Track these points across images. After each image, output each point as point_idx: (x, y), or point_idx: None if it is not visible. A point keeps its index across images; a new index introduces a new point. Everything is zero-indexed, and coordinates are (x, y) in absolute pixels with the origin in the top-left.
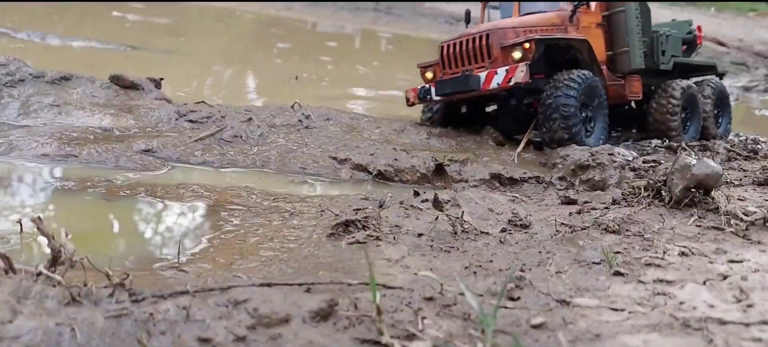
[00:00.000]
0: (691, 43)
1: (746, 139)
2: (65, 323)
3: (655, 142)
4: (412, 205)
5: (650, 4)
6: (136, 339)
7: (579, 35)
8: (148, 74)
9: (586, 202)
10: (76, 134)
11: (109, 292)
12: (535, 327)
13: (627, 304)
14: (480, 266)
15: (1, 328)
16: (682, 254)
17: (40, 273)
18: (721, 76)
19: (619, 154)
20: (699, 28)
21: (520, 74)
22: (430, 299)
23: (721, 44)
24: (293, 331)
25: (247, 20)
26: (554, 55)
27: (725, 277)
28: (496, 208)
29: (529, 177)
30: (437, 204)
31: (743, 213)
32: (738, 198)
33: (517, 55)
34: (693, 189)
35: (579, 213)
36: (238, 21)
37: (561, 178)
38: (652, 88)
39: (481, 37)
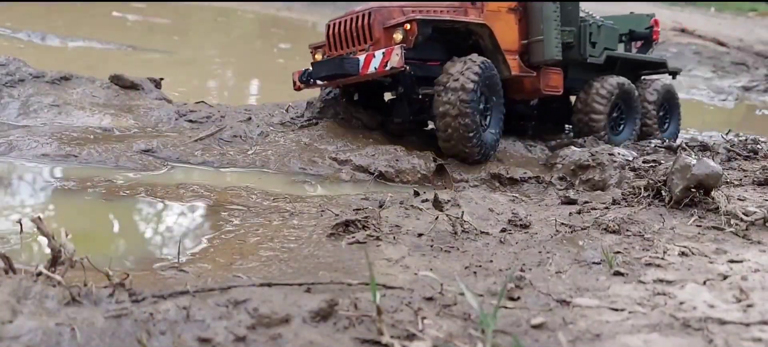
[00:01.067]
0: (647, 39)
1: (746, 139)
2: (65, 323)
3: (655, 141)
4: (412, 205)
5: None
6: (136, 339)
7: (478, 19)
8: (148, 74)
9: (586, 202)
10: (76, 134)
11: (109, 292)
12: (535, 327)
13: (627, 304)
14: (480, 266)
15: (1, 328)
16: (682, 254)
17: (40, 273)
18: (673, 74)
19: (619, 154)
20: (656, 22)
21: (396, 58)
22: (430, 299)
23: (721, 44)
24: (293, 331)
25: (248, 20)
26: (455, 41)
27: (725, 277)
28: (496, 208)
29: (529, 177)
30: (437, 204)
31: (743, 213)
32: (738, 198)
33: (398, 36)
34: (693, 189)
35: (579, 213)
36: (239, 21)
37: (561, 178)
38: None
39: (363, 16)
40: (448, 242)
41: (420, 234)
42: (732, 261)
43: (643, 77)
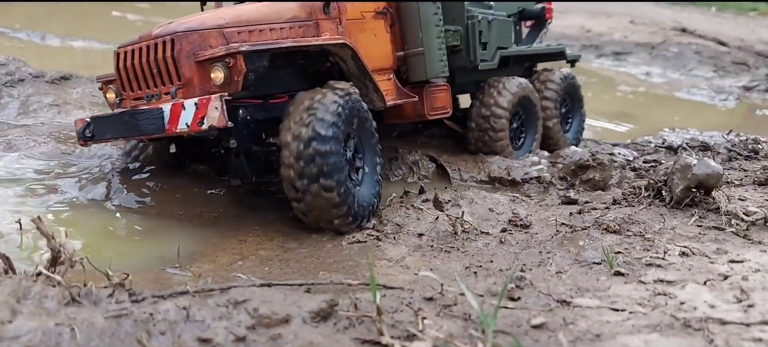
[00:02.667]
0: (539, 18)
1: (747, 139)
2: (65, 323)
3: (656, 142)
4: (412, 205)
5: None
6: (136, 339)
7: (335, 37)
8: None
9: (586, 202)
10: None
11: (109, 292)
12: (535, 327)
13: (628, 304)
14: (480, 266)
15: (1, 328)
16: (683, 254)
17: (39, 273)
18: (572, 62)
19: (619, 153)
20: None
21: (214, 114)
22: (430, 299)
23: (722, 44)
24: (293, 331)
25: None
26: (307, 64)
27: (726, 277)
28: (497, 208)
29: (530, 178)
30: (438, 204)
31: (744, 213)
32: (739, 198)
33: (218, 75)
34: (694, 189)
35: (579, 213)
36: None
37: (561, 178)
38: (483, 86)
39: (164, 44)
40: (449, 242)
41: (420, 234)
42: (733, 262)
43: (540, 68)
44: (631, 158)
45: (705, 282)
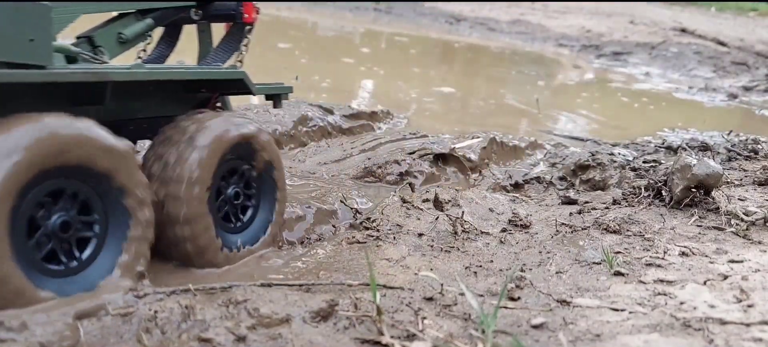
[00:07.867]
0: (232, 19)
1: (747, 139)
2: (67, 322)
3: (656, 142)
4: (413, 205)
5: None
6: (136, 338)
7: None
8: None
9: (586, 202)
10: None
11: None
12: (535, 327)
13: (627, 304)
14: (480, 266)
15: (1, 328)
16: (683, 254)
17: None
18: (274, 99)
19: (619, 153)
20: None
21: None
22: (430, 299)
23: (722, 44)
24: (293, 331)
25: None
26: None
27: (726, 277)
28: (497, 208)
29: (530, 178)
30: (438, 204)
31: (744, 213)
32: (739, 198)
33: None
34: (693, 189)
35: (579, 213)
36: None
37: (561, 178)
38: None
39: None
40: (449, 242)
41: (420, 234)
42: (732, 262)
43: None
44: (631, 158)
45: (705, 282)
